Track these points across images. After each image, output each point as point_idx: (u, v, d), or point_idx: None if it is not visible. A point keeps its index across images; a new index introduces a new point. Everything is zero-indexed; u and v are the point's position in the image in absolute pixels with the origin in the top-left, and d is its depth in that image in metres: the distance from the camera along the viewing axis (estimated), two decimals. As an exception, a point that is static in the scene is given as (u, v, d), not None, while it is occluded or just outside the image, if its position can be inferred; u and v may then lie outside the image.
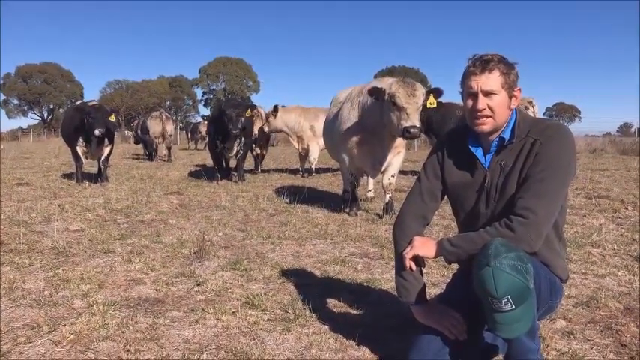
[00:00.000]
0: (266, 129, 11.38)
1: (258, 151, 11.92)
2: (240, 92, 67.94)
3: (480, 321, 1.99)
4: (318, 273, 3.73)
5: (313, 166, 11.20)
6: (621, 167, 11.85)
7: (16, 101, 67.20)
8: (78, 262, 3.93)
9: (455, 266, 2.40)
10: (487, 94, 1.97)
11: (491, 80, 1.96)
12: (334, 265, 3.91)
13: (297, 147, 11.47)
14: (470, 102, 2.02)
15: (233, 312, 2.91)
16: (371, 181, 7.51)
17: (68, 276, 3.54)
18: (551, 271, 2.07)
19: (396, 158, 6.02)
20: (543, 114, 60.19)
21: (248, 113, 8.88)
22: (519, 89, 2.05)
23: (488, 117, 2.00)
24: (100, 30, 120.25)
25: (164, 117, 16.28)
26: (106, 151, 9.09)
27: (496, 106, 1.98)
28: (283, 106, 11.41)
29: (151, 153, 16.54)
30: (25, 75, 65.40)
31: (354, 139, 5.78)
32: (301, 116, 11.13)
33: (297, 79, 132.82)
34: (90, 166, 10.29)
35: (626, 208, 6.24)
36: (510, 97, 2.01)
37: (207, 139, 11.23)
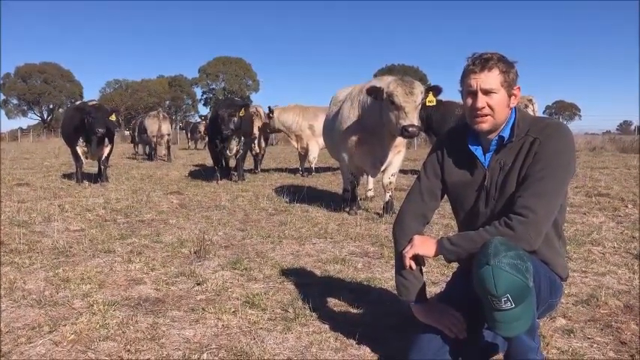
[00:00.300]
0: (268, 130, 11.48)
1: (258, 151, 11.93)
2: (239, 91, 67.90)
3: (480, 320, 1.99)
4: (318, 272, 3.73)
5: (313, 166, 11.20)
6: (621, 165, 11.85)
7: (15, 101, 67.18)
8: (78, 262, 3.94)
9: (455, 265, 2.40)
10: (486, 92, 1.97)
11: (490, 79, 1.96)
12: (334, 264, 3.91)
13: (296, 146, 11.49)
14: (469, 101, 2.02)
15: (233, 311, 2.91)
16: (371, 180, 7.51)
17: (68, 276, 3.54)
18: (551, 270, 2.07)
19: (396, 157, 6.03)
20: (543, 112, 60.17)
21: (242, 113, 8.85)
22: (519, 88, 2.05)
23: (487, 115, 2.00)
24: (100, 30, 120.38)
25: (161, 116, 16.31)
26: (106, 150, 9.09)
27: (495, 105, 1.98)
28: (282, 107, 11.46)
29: (150, 153, 16.58)
30: (25, 75, 65.35)
31: (354, 138, 5.78)
32: (299, 115, 11.13)
33: (296, 78, 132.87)
34: (90, 166, 10.29)
35: (626, 206, 6.24)
36: (510, 96, 2.01)
37: (207, 138, 11.24)
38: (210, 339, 2.58)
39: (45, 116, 69.32)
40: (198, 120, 26.36)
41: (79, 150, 8.97)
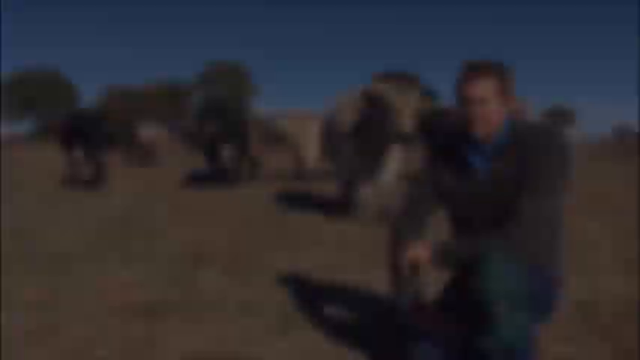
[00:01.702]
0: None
1: (255, 156, 11.95)
2: (237, 97, 67.92)
3: (475, 327, 1.98)
4: (314, 278, 3.72)
5: (309, 171, 11.21)
6: (619, 170, 11.88)
7: (10, 107, 67.01)
8: (74, 270, 3.92)
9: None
10: (480, 100, 1.97)
11: (483, 86, 1.96)
12: (331, 270, 3.90)
13: (291, 152, 11.57)
14: (463, 108, 2.02)
15: (229, 318, 2.90)
16: (368, 185, 7.51)
17: (64, 284, 3.53)
18: (548, 276, 2.07)
19: (393, 162, 6.04)
20: (540, 116, 60.32)
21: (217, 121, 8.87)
22: (513, 94, 2.05)
23: (481, 123, 2.00)
24: (97, 36, 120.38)
25: (155, 124, 16.74)
26: (104, 157, 9.09)
27: (489, 112, 1.98)
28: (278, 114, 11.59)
29: (145, 159, 16.76)
30: (21, 80, 65.27)
31: (351, 143, 5.78)
32: (291, 121, 11.21)
33: (294, 82, 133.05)
34: (86, 172, 10.27)
35: (624, 211, 6.25)
36: (504, 102, 2.01)
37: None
38: (206, 346, 2.57)
39: (41, 122, 69.18)
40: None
41: (76, 156, 8.97)
